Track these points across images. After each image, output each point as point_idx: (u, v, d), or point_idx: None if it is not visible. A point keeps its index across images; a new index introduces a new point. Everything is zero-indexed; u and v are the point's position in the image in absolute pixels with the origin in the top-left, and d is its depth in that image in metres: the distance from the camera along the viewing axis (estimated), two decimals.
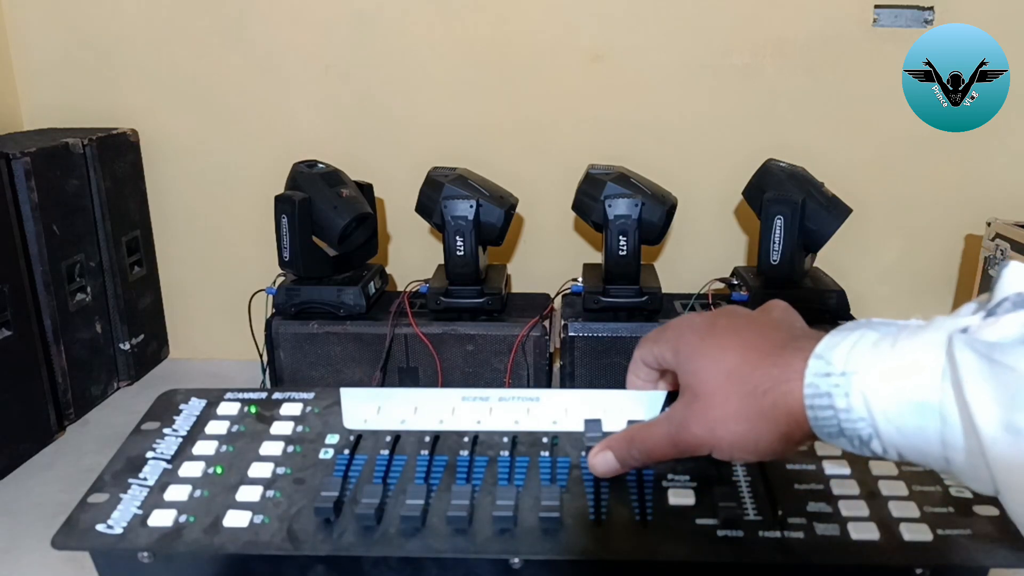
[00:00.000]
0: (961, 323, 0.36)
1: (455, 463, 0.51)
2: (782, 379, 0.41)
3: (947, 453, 0.36)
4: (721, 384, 0.43)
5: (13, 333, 1.76)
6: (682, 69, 2.01)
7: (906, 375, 0.36)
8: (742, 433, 0.42)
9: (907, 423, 0.36)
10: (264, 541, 0.45)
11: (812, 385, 0.39)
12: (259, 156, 2.13)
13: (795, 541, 0.44)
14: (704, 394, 0.44)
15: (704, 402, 0.44)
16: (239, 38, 2.08)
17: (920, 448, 0.36)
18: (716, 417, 0.43)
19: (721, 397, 0.43)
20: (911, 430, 0.36)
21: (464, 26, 2.03)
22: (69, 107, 2.14)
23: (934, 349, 0.36)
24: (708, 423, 0.43)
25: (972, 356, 0.34)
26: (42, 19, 2.10)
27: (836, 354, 0.39)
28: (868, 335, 0.39)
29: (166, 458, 0.52)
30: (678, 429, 0.45)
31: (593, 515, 0.46)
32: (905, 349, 0.36)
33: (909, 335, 0.37)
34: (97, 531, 0.46)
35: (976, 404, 0.34)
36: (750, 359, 0.43)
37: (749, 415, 0.42)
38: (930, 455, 0.36)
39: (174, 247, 2.25)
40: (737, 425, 0.42)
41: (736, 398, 0.42)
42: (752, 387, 0.42)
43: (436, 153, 1.98)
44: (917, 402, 0.36)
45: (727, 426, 0.43)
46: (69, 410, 1.95)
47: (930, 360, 0.35)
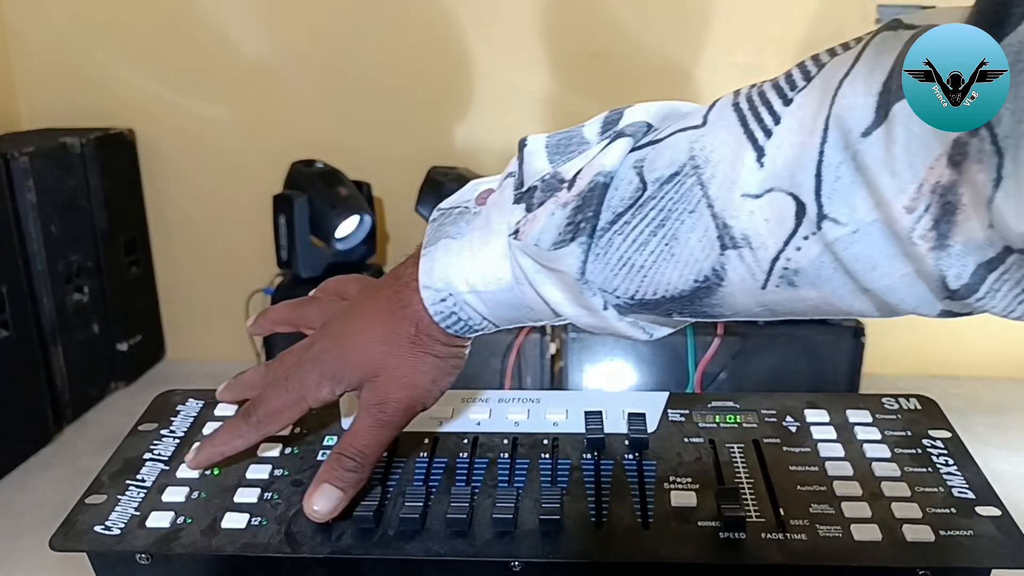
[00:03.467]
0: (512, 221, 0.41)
1: (454, 465, 0.51)
2: (417, 316, 0.45)
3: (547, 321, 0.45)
4: (387, 353, 0.46)
5: (12, 333, 1.76)
6: (682, 68, 2.01)
7: (491, 285, 0.43)
8: (431, 366, 0.46)
9: (507, 314, 0.44)
10: (262, 543, 0.45)
11: (437, 312, 0.44)
12: (257, 155, 2.13)
13: (797, 543, 0.44)
14: (381, 369, 0.46)
15: (386, 371, 0.46)
16: (237, 37, 2.08)
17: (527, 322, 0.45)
18: (405, 373, 0.46)
19: (396, 360, 0.46)
20: (514, 317, 0.45)
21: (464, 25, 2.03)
22: (67, 107, 2.14)
23: (503, 258, 0.42)
24: (403, 382, 0.46)
25: (530, 262, 0.41)
26: (40, 19, 2.10)
27: (435, 279, 0.44)
28: (450, 246, 0.44)
29: (164, 459, 0.52)
30: (380, 409, 0.46)
31: (594, 517, 0.46)
32: (480, 261, 0.43)
33: (480, 242, 0.43)
34: (95, 532, 0.46)
35: (551, 297, 0.42)
36: (385, 319, 0.46)
37: (424, 350, 0.46)
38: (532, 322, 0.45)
39: (172, 247, 2.24)
40: (423, 363, 0.46)
41: (405, 352, 0.46)
42: (406, 338, 0.46)
43: (436, 153, 1.97)
44: (508, 302, 0.43)
45: (418, 372, 0.46)
46: (67, 411, 1.95)
47: (503, 269, 0.42)
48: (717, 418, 0.54)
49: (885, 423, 0.53)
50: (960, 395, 2.11)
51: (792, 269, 0.36)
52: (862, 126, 0.32)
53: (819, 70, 0.35)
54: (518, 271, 0.42)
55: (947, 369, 2.22)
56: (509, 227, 0.42)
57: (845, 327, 1.82)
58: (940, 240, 0.32)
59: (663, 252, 0.38)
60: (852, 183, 0.33)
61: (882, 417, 0.54)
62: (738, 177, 0.36)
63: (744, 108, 0.37)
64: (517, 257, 0.41)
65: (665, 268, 0.38)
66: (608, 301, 0.41)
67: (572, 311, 0.42)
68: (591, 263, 0.40)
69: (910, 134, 0.31)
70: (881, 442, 0.52)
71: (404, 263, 0.47)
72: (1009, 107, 0.29)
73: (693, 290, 0.38)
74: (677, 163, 0.38)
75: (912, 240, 0.32)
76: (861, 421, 0.54)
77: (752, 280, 0.37)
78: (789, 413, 0.55)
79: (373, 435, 0.46)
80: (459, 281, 0.43)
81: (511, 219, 0.42)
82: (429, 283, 0.44)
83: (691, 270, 0.38)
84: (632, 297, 0.40)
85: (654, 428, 0.53)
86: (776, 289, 0.37)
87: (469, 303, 0.44)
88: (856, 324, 1.83)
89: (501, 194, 0.43)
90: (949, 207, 0.31)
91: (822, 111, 0.34)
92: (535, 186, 0.41)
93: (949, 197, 0.31)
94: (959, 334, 2.17)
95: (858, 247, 0.34)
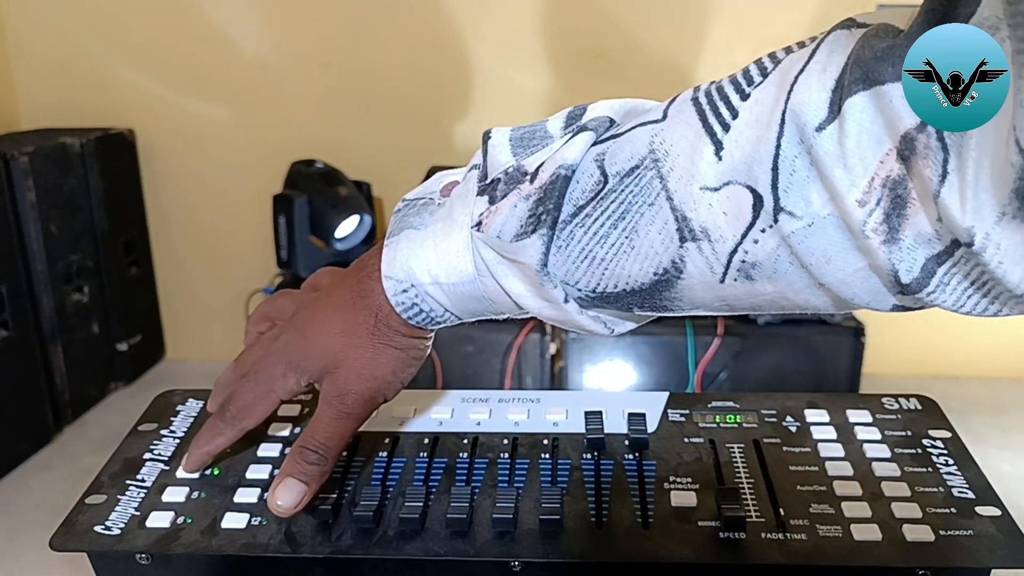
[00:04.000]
0: (475, 213, 0.41)
1: (454, 465, 0.51)
2: (378, 306, 0.45)
3: (510, 314, 0.44)
4: (346, 344, 0.46)
5: (11, 333, 1.76)
6: (682, 68, 2.01)
7: (453, 277, 0.43)
8: (392, 358, 0.46)
9: (469, 307, 0.44)
10: (262, 543, 0.45)
11: (398, 303, 0.44)
12: (257, 155, 2.13)
13: (797, 543, 0.44)
14: (341, 359, 0.46)
15: (346, 364, 0.46)
16: (237, 37, 2.08)
17: (489, 315, 0.45)
18: (364, 364, 0.46)
19: (355, 350, 0.46)
20: (476, 310, 0.44)
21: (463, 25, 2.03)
22: (66, 107, 2.14)
23: (465, 250, 0.42)
24: (362, 373, 0.46)
25: (492, 254, 0.41)
26: (40, 19, 2.10)
27: (397, 269, 0.44)
28: (413, 237, 0.44)
29: (164, 459, 0.52)
30: (341, 400, 0.46)
31: (594, 517, 0.46)
32: (443, 252, 0.43)
33: (443, 234, 0.43)
34: (95, 532, 0.46)
35: (513, 289, 0.42)
36: (346, 310, 0.46)
37: (384, 342, 0.46)
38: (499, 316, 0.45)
39: (171, 247, 2.24)
40: (383, 355, 0.46)
41: (364, 342, 0.46)
42: (366, 328, 0.46)
43: (436, 153, 1.98)
44: (470, 294, 0.43)
45: (378, 363, 0.46)
46: (67, 411, 1.95)
47: (466, 261, 0.42)
48: (717, 418, 0.54)
49: (885, 423, 0.53)
50: (960, 395, 2.11)
51: (749, 262, 0.36)
52: (816, 120, 0.33)
53: (775, 66, 0.36)
54: (480, 263, 0.42)
55: (947, 369, 2.22)
56: (472, 219, 0.42)
57: (845, 327, 1.82)
58: (891, 234, 0.32)
59: (623, 245, 0.39)
60: (807, 177, 0.34)
61: (882, 417, 0.54)
62: (697, 170, 0.36)
63: (703, 103, 0.37)
64: (479, 249, 0.41)
65: (625, 261, 0.39)
66: (569, 294, 0.41)
67: (534, 304, 0.42)
68: (552, 255, 0.40)
69: (861, 128, 0.32)
70: (881, 442, 0.52)
71: (369, 253, 0.47)
72: None
73: (653, 283, 0.39)
74: (637, 156, 0.38)
75: (865, 233, 0.33)
76: (861, 421, 0.54)
77: (710, 273, 0.37)
78: (789, 413, 0.55)
79: (335, 427, 0.46)
80: (421, 272, 0.43)
81: (474, 211, 0.42)
82: (391, 273, 0.44)
83: (651, 263, 0.38)
84: (593, 290, 0.40)
85: (654, 428, 0.53)
86: (734, 283, 0.37)
87: (431, 294, 0.43)
88: (856, 324, 1.83)
89: (465, 186, 0.44)
90: (899, 201, 0.32)
91: (778, 106, 0.34)
92: (498, 178, 0.42)
93: (899, 191, 0.32)
94: (959, 334, 2.17)
95: (813, 241, 0.34)
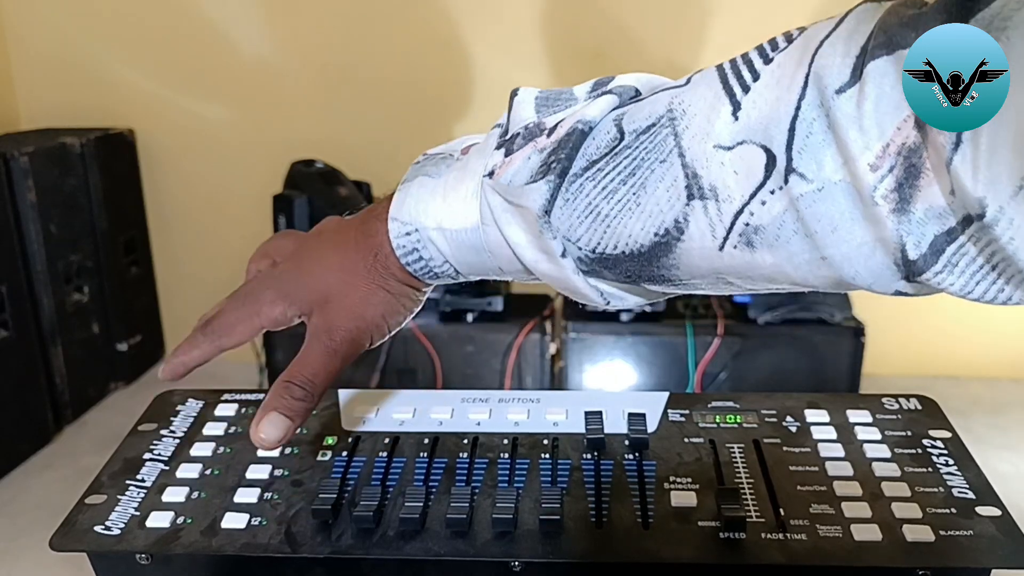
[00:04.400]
0: (489, 163, 0.41)
1: (454, 465, 0.51)
2: (379, 246, 0.45)
3: (502, 273, 0.44)
4: (340, 280, 0.46)
5: (11, 333, 1.76)
6: (682, 68, 2.01)
7: (457, 223, 0.43)
8: (383, 300, 0.46)
9: (469, 259, 0.44)
10: (262, 543, 0.45)
11: (400, 246, 0.44)
12: (257, 155, 2.13)
13: (797, 543, 0.44)
14: (333, 295, 0.46)
15: (337, 299, 0.46)
16: (237, 37, 2.08)
17: (484, 272, 0.45)
18: (356, 302, 0.46)
19: (348, 287, 0.46)
20: (475, 263, 0.44)
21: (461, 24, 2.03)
22: (66, 107, 2.14)
23: (473, 197, 0.42)
24: (352, 311, 0.46)
25: (498, 200, 0.41)
26: (40, 19, 2.10)
27: (404, 212, 0.44)
28: (425, 183, 0.44)
29: (163, 459, 0.52)
30: (329, 336, 0.45)
31: (594, 517, 0.46)
32: (452, 199, 0.43)
33: (455, 182, 0.43)
34: (95, 532, 0.46)
35: (513, 237, 0.41)
36: (347, 247, 0.47)
37: (379, 282, 0.46)
38: (493, 273, 0.45)
39: (171, 247, 2.24)
40: (376, 296, 0.46)
41: (359, 280, 0.46)
42: (364, 266, 0.46)
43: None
44: (471, 244, 0.43)
45: (369, 303, 0.46)
46: (67, 411, 1.95)
47: (472, 208, 0.42)
48: (717, 418, 0.54)
49: (885, 423, 0.53)
50: (960, 395, 2.11)
51: (753, 226, 0.36)
52: (837, 83, 0.33)
53: (800, 34, 0.36)
54: (486, 210, 0.42)
55: (947, 369, 2.22)
56: (485, 168, 0.42)
57: (845, 327, 1.82)
58: (902, 203, 0.32)
59: (630, 201, 0.38)
60: (823, 140, 0.33)
61: (882, 417, 0.54)
62: (712, 129, 0.36)
63: (726, 68, 0.38)
64: (487, 195, 0.41)
65: (629, 218, 0.39)
66: (569, 252, 0.41)
67: (531, 255, 0.41)
68: (558, 207, 0.40)
69: (880, 92, 0.32)
70: (881, 442, 0.52)
71: (382, 199, 0.47)
72: None
73: (652, 245, 0.39)
74: (655, 115, 0.39)
75: (874, 200, 0.32)
76: (861, 421, 0.54)
77: (711, 237, 0.37)
78: (789, 413, 0.55)
79: (321, 363, 0.45)
80: (427, 217, 0.43)
81: (489, 162, 0.42)
82: (397, 215, 0.44)
83: (654, 221, 0.38)
84: (594, 250, 0.40)
85: (654, 428, 0.53)
86: (733, 251, 0.37)
87: (433, 240, 0.43)
88: (856, 324, 1.83)
89: (486, 142, 0.44)
90: (913, 170, 0.31)
91: (801, 69, 0.34)
92: (518, 133, 0.42)
93: (914, 160, 0.31)
94: (959, 334, 2.17)
95: (821, 206, 0.34)
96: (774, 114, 0.35)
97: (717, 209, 0.36)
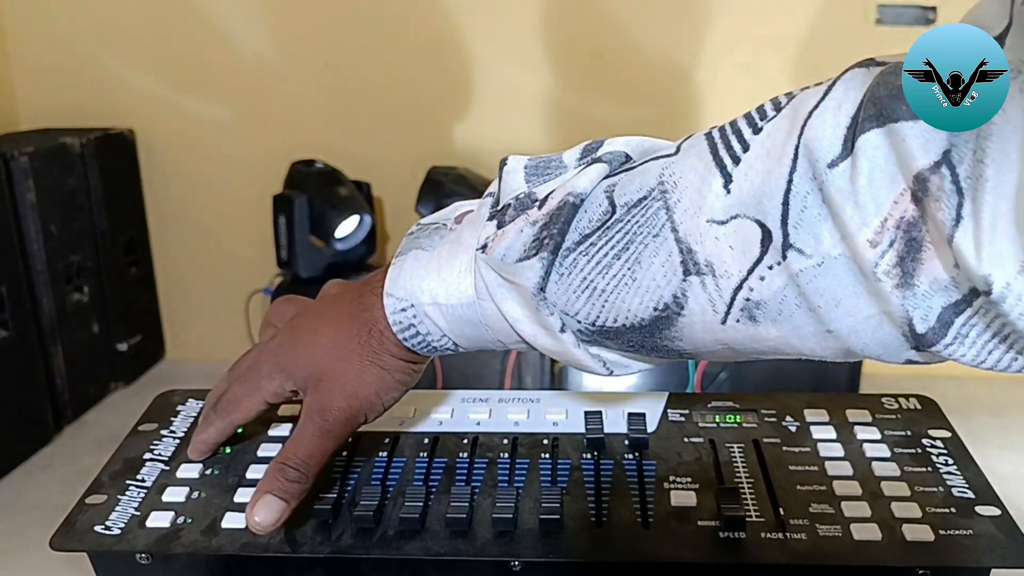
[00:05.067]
0: (482, 236, 0.41)
1: (454, 465, 0.51)
2: (374, 321, 0.45)
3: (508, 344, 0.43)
4: (334, 356, 0.46)
5: (11, 333, 1.75)
6: (682, 68, 2.01)
7: (452, 298, 0.42)
8: (378, 377, 0.46)
9: (467, 332, 0.43)
10: (262, 543, 0.45)
11: (396, 322, 0.44)
12: (256, 155, 2.13)
13: (797, 543, 0.44)
14: (327, 372, 0.46)
15: (331, 377, 0.45)
16: (237, 37, 2.08)
17: (487, 344, 0.44)
18: (349, 380, 0.45)
19: (342, 364, 0.45)
20: (473, 336, 0.44)
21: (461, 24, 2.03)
22: (66, 107, 2.14)
23: (468, 272, 0.42)
24: (346, 390, 0.45)
25: (493, 275, 0.41)
26: (40, 19, 2.10)
27: (399, 287, 0.44)
28: (419, 257, 0.44)
29: (164, 459, 0.52)
30: (323, 416, 0.45)
31: (594, 517, 0.46)
32: (446, 273, 0.42)
33: (448, 255, 0.43)
34: (95, 532, 0.46)
35: (510, 313, 0.41)
36: (341, 322, 0.46)
37: (373, 360, 0.45)
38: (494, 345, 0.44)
39: (171, 247, 2.24)
40: (369, 374, 0.45)
41: (353, 356, 0.45)
42: (357, 342, 0.45)
43: (436, 153, 1.97)
44: (467, 318, 0.43)
45: (363, 381, 0.45)
46: (67, 411, 1.95)
47: (467, 283, 0.42)
48: (717, 418, 0.54)
49: (885, 423, 0.53)
50: (960, 395, 2.11)
51: (754, 301, 0.35)
52: (829, 156, 0.32)
53: (789, 101, 0.35)
54: (481, 285, 0.41)
55: (947, 369, 2.21)
56: (479, 242, 0.42)
57: None
58: (905, 278, 0.31)
59: (625, 276, 0.38)
60: (819, 214, 0.33)
61: (882, 417, 0.54)
62: (704, 203, 0.36)
63: (716, 137, 0.37)
64: (481, 270, 0.41)
65: (626, 293, 0.38)
66: (569, 326, 0.40)
67: (530, 330, 0.41)
68: (553, 282, 0.39)
69: (874, 166, 0.31)
70: (881, 442, 0.52)
71: (377, 271, 0.47)
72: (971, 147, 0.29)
73: (653, 319, 0.38)
74: (646, 188, 0.38)
75: (876, 276, 0.31)
76: (861, 421, 0.54)
77: (712, 312, 0.36)
78: (789, 413, 0.55)
79: (315, 444, 0.45)
80: (422, 292, 0.43)
81: (482, 235, 0.42)
82: (392, 291, 0.44)
83: (652, 296, 0.38)
84: (593, 323, 0.40)
85: (654, 428, 0.53)
86: (736, 325, 0.36)
87: (429, 315, 0.43)
88: None
89: (478, 212, 0.44)
90: (914, 244, 0.31)
91: (791, 140, 0.33)
92: (509, 204, 0.42)
93: (914, 233, 0.31)
94: None
95: (822, 281, 0.33)
96: (766, 187, 0.34)
97: (715, 284, 0.36)
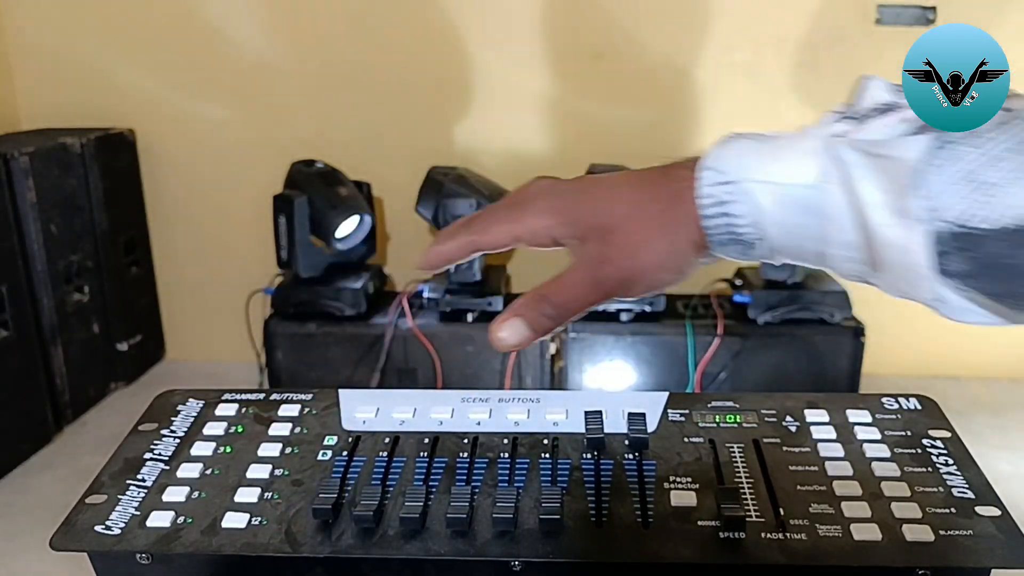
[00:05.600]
0: (832, 130, 0.39)
1: (454, 465, 0.51)
2: (680, 193, 0.42)
3: (822, 248, 0.40)
4: (630, 214, 0.43)
5: (11, 333, 1.76)
6: (682, 68, 2.01)
7: (791, 178, 0.39)
8: (665, 251, 0.43)
9: (791, 221, 0.40)
10: (262, 543, 0.45)
11: (709, 195, 0.41)
12: (257, 155, 2.13)
13: (797, 543, 0.44)
14: (617, 227, 0.43)
15: (622, 231, 0.43)
16: (237, 37, 2.08)
17: (798, 245, 0.41)
18: (638, 241, 0.43)
19: (635, 224, 0.43)
20: (794, 227, 0.40)
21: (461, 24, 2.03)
22: (66, 107, 2.14)
23: (813, 154, 0.39)
24: (630, 249, 0.43)
25: (856, 155, 0.38)
26: (40, 19, 2.10)
27: (723, 162, 0.41)
28: (749, 144, 0.41)
29: (164, 459, 0.52)
30: (599, 266, 0.43)
31: (594, 517, 0.46)
32: (786, 155, 0.40)
33: (788, 142, 0.40)
34: (95, 532, 0.46)
35: (866, 195, 0.37)
36: (644, 186, 0.44)
37: (667, 231, 0.42)
38: (806, 250, 0.41)
39: (171, 247, 2.24)
40: (659, 243, 0.43)
41: (650, 220, 0.43)
42: (659, 207, 0.43)
43: (436, 153, 1.97)
44: (802, 202, 0.39)
45: (651, 247, 0.43)
46: (67, 411, 1.95)
47: (811, 164, 0.39)
48: (717, 418, 0.54)
49: (885, 423, 0.53)
50: (960, 395, 2.11)
51: None
52: None
53: None
54: (830, 169, 0.38)
55: (947, 369, 2.22)
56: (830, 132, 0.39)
57: (845, 327, 1.82)
58: None
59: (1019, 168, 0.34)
60: None
61: (882, 417, 0.54)
62: None
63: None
64: (839, 151, 0.38)
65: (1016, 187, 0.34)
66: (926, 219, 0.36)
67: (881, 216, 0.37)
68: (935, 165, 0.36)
69: None
70: (881, 442, 0.52)
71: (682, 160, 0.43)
72: None
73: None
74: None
75: None
76: (861, 421, 0.54)
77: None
78: (789, 413, 0.55)
79: (582, 291, 0.43)
80: (751, 170, 0.40)
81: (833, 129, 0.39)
82: (716, 164, 0.41)
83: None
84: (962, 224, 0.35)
85: (654, 428, 0.53)
86: None
87: (754, 194, 0.40)
88: (856, 324, 1.83)
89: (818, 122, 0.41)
90: None
91: None
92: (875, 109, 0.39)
93: None
94: (959, 334, 2.17)
95: None
96: None
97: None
